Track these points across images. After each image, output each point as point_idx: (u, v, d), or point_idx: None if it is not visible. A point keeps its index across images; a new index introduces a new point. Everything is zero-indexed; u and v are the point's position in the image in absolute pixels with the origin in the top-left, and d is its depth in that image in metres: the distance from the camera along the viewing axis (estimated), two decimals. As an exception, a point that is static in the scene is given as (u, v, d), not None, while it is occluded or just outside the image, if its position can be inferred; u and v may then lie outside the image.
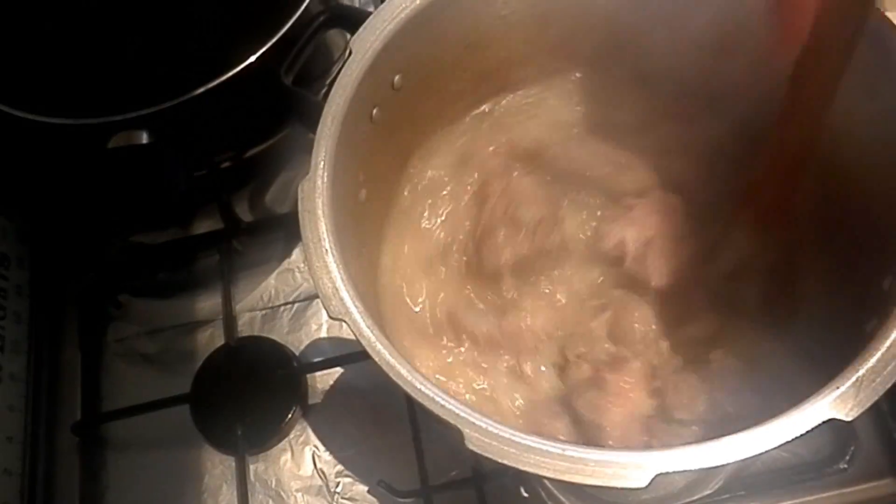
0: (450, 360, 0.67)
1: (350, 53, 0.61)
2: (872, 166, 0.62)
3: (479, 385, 0.66)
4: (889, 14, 0.58)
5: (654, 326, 0.67)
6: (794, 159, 0.62)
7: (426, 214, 0.75)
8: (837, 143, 0.66)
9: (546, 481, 0.68)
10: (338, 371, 0.84)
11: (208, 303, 0.91)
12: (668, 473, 0.45)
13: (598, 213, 0.72)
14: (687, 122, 0.74)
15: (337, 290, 0.53)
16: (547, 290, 0.70)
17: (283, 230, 0.93)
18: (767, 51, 0.59)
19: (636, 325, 0.66)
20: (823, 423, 0.46)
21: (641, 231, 0.68)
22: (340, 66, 0.61)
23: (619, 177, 0.74)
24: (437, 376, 0.66)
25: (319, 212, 0.55)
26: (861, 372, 0.48)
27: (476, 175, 0.76)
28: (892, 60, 0.57)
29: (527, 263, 0.70)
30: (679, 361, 0.65)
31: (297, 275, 0.91)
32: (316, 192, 0.56)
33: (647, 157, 0.74)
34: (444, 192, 0.75)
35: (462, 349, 0.68)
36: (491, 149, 0.77)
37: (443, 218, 0.74)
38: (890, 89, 0.57)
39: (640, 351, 0.66)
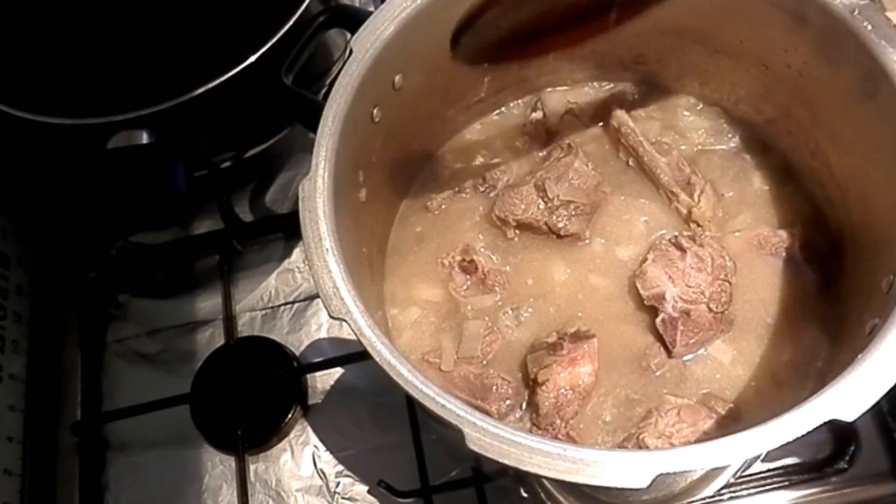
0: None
1: (350, 53, 0.61)
2: (871, 168, 0.62)
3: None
4: (889, 14, 0.59)
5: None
6: None
7: (427, 213, 0.75)
8: (836, 145, 0.66)
9: (546, 481, 0.68)
10: (338, 371, 0.84)
11: (208, 303, 0.91)
12: (668, 474, 0.45)
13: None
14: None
15: (338, 289, 0.53)
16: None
17: (283, 230, 0.93)
18: None
19: None
20: (823, 423, 0.46)
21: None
22: (341, 65, 0.61)
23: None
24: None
25: (320, 211, 0.56)
26: (861, 372, 0.48)
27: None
28: (892, 60, 0.57)
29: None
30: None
31: (297, 275, 0.91)
32: (316, 191, 0.56)
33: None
34: (445, 192, 0.75)
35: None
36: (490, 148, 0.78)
37: (444, 217, 0.75)
38: (889, 90, 0.57)
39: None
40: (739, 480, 0.74)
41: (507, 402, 0.66)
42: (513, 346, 0.69)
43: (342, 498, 0.79)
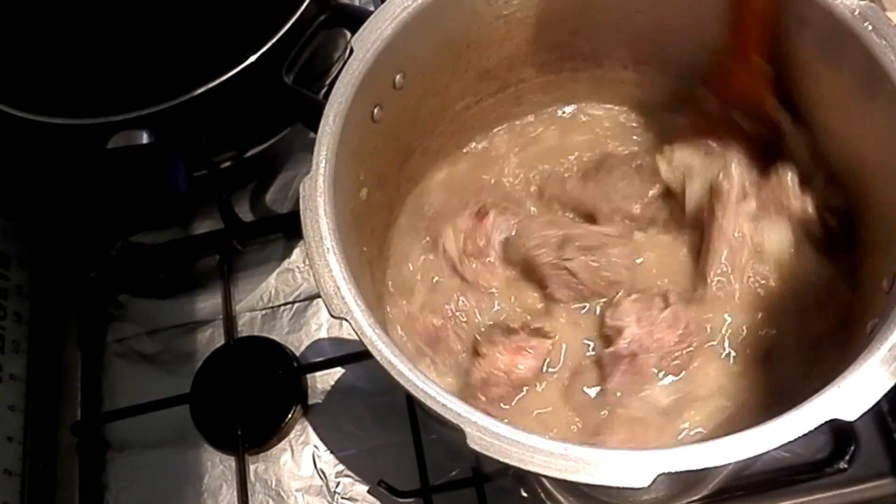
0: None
1: (351, 52, 0.61)
2: (872, 167, 0.62)
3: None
4: (889, 14, 0.59)
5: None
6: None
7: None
8: (837, 144, 0.67)
9: (546, 481, 0.68)
10: (338, 371, 0.84)
11: (208, 303, 0.91)
12: (668, 473, 0.45)
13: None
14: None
15: (339, 288, 0.53)
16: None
17: (283, 230, 0.93)
18: None
19: None
20: (824, 423, 0.46)
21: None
22: (341, 65, 0.61)
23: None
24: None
25: (321, 211, 0.56)
26: (862, 372, 0.48)
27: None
28: (892, 60, 0.57)
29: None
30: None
31: (297, 275, 0.91)
32: (317, 191, 0.56)
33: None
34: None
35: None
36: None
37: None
38: (889, 90, 0.57)
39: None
40: (739, 481, 0.74)
41: (451, 360, 0.67)
42: (479, 320, 0.70)
43: (342, 498, 0.79)
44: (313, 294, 0.89)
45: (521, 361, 0.65)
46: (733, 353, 0.66)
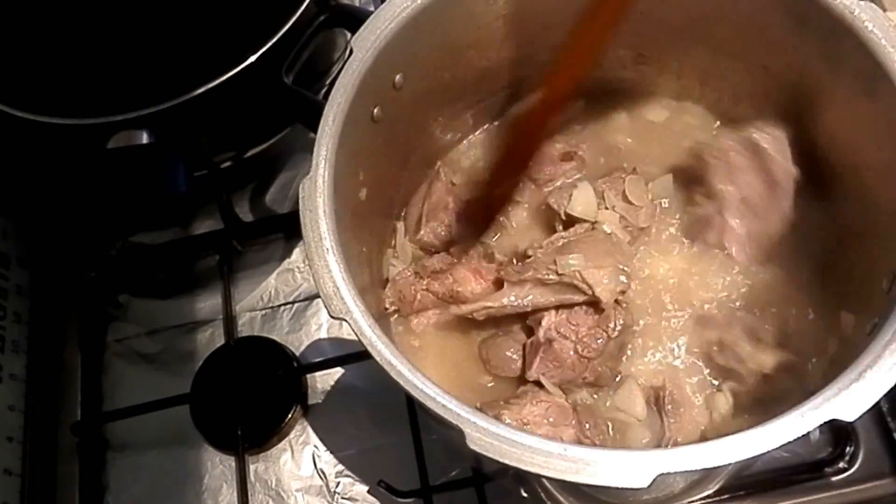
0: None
1: (351, 53, 0.61)
2: (871, 168, 0.62)
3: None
4: (889, 14, 0.59)
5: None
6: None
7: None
8: (836, 145, 0.66)
9: (546, 481, 0.68)
10: (338, 371, 0.84)
11: (208, 303, 0.91)
12: (668, 473, 0.45)
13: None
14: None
15: (338, 289, 0.53)
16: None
17: (283, 230, 0.93)
18: None
19: None
20: (824, 423, 0.46)
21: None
22: (341, 65, 0.61)
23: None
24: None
25: (320, 211, 0.56)
26: (861, 372, 0.48)
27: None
28: (892, 61, 0.57)
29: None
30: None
31: (297, 275, 0.91)
32: (317, 191, 0.56)
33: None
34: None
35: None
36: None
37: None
38: (889, 90, 0.57)
39: None
40: (739, 481, 0.74)
41: (430, 232, 0.73)
42: None
43: (342, 498, 0.79)
44: (313, 294, 0.89)
45: (471, 284, 0.68)
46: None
